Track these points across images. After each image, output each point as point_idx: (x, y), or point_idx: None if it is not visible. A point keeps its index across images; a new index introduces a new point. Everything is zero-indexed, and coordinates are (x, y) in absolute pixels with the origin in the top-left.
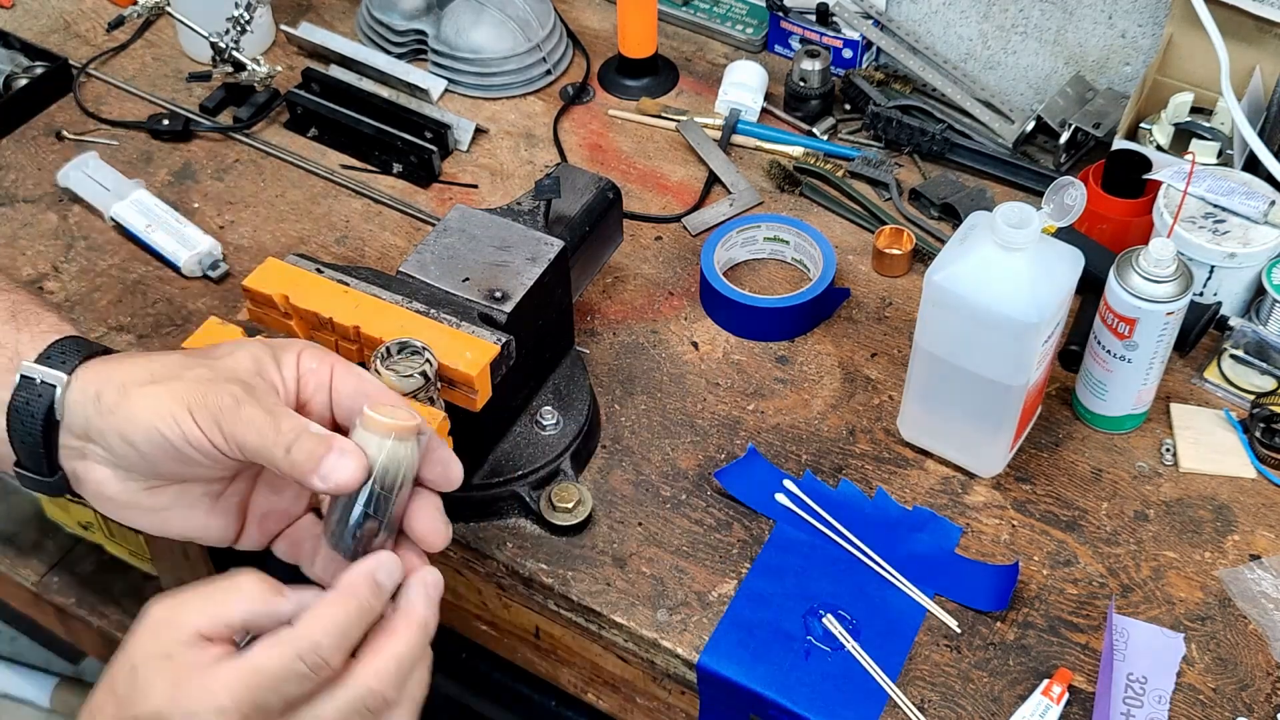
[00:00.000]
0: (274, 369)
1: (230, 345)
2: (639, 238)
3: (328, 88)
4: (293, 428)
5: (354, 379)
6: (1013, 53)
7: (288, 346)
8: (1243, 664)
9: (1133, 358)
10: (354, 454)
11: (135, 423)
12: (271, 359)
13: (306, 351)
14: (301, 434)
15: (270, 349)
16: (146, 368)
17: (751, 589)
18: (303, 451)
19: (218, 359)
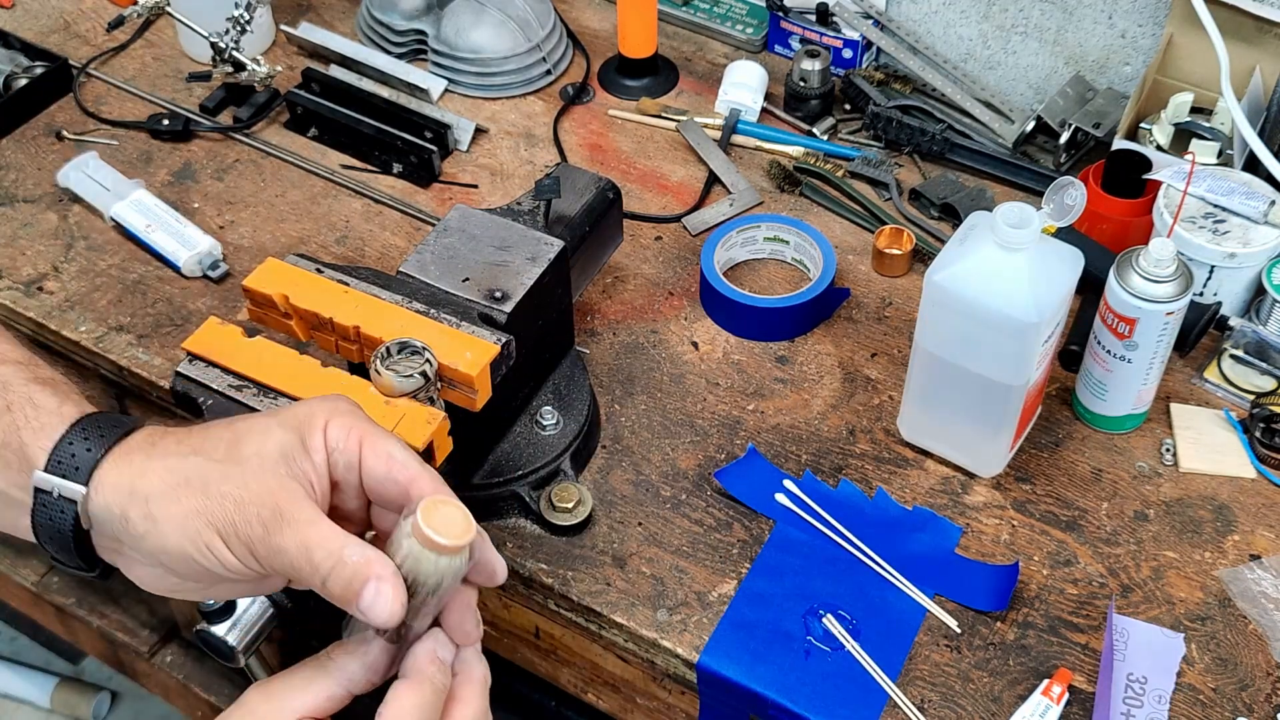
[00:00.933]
0: (303, 459)
1: (257, 435)
2: (639, 238)
3: (328, 88)
4: (326, 557)
5: (383, 460)
6: (1013, 53)
7: (313, 423)
8: (1243, 664)
9: (1133, 358)
10: (391, 586)
11: (168, 549)
12: (300, 446)
13: (332, 424)
14: (336, 564)
15: (297, 434)
16: (168, 476)
17: (751, 589)
18: (339, 584)
19: (244, 461)
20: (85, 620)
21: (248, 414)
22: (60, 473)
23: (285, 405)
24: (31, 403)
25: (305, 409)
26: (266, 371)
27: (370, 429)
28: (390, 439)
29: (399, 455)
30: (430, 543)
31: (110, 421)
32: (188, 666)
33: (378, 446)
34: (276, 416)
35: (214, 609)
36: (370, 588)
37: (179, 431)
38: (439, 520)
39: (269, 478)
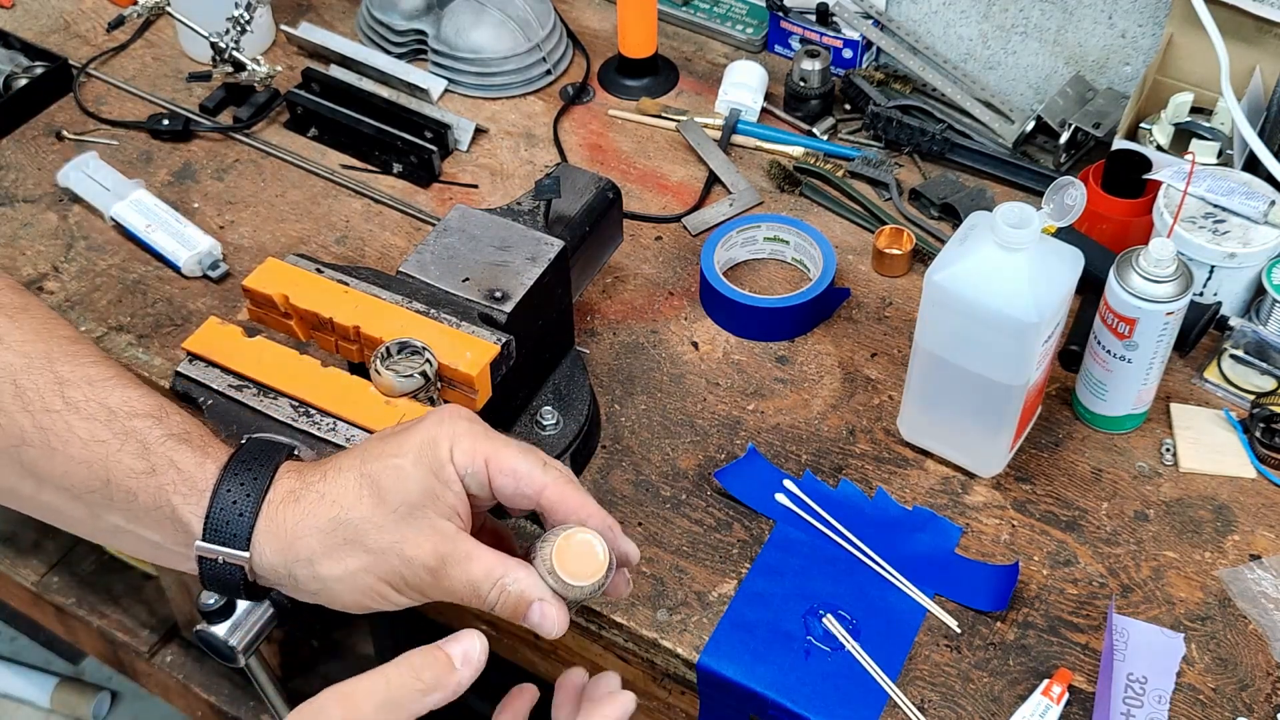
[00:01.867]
0: (444, 492)
1: (393, 477)
2: (639, 238)
3: (328, 88)
4: (491, 588)
5: (509, 478)
6: (1013, 53)
7: (440, 454)
8: (1243, 664)
9: (1133, 358)
10: (554, 606)
11: (341, 602)
12: (437, 482)
13: (457, 449)
14: (501, 594)
15: (431, 470)
16: (325, 539)
17: (751, 589)
18: (506, 610)
19: (394, 511)
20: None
21: (364, 446)
22: (219, 539)
23: (403, 430)
24: (174, 465)
25: (427, 434)
26: (266, 371)
27: (492, 446)
28: (511, 451)
29: (523, 468)
30: (570, 586)
31: (248, 472)
32: (188, 666)
33: (503, 465)
34: (401, 451)
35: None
36: (535, 610)
37: (313, 476)
38: (573, 560)
39: (422, 524)
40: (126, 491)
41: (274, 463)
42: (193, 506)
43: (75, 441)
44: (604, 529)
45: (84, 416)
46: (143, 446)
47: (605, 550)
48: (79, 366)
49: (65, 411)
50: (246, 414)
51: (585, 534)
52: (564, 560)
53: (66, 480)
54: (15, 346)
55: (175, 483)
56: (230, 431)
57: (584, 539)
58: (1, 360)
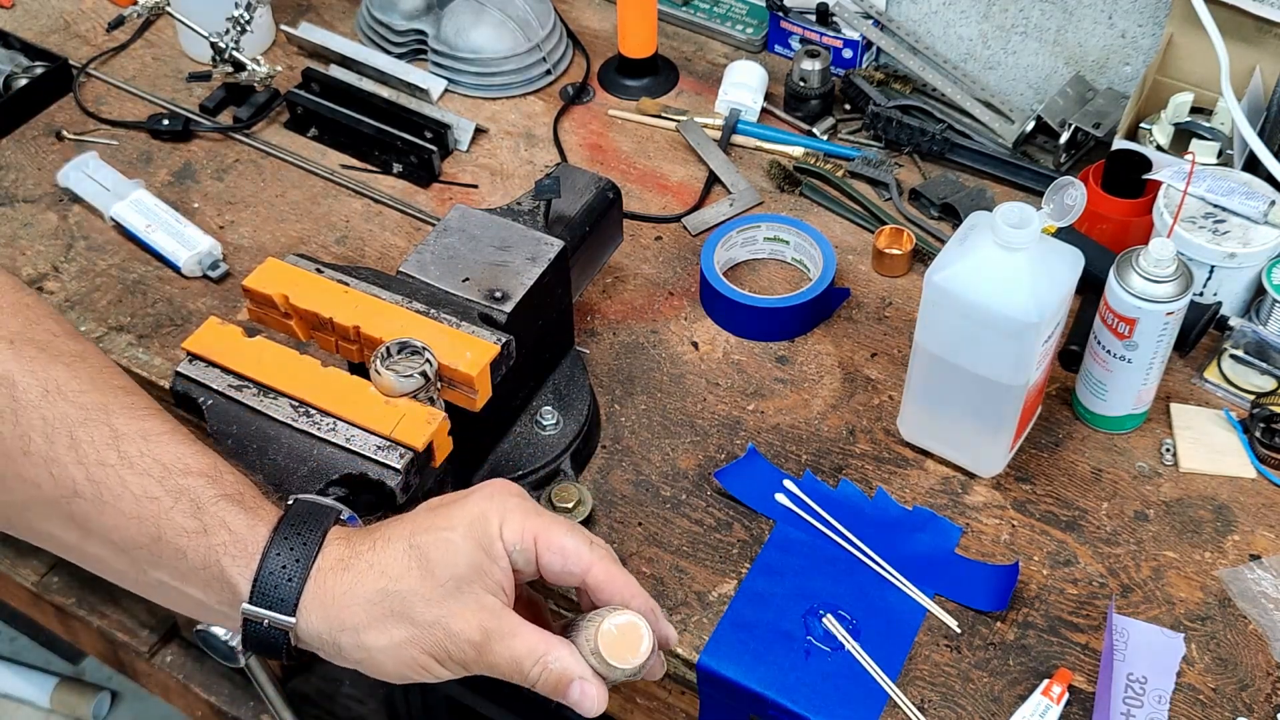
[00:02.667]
0: (491, 567)
1: (442, 550)
2: (639, 238)
3: (328, 88)
4: (534, 665)
5: (558, 555)
6: (1013, 53)
7: (489, 529)
8: (1243, 664)
9: (1133, 358)
10: (594, 686)
11: (385, 672)
12: (486, 557)
13: (507, 526)
14: (543, 672)
15: (480, 544)
16: (372, 610)
17: (751, 589)
18: (548, 687)
19: (442, 585)
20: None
21: (415, 516)
22: (266, 604)
23: (453, 502)
24: (226, 526)
25: (476, 510)
26: (266, 371)
27: (541, 524)
28: (560, 530)
29: (571, 547)
30: (610, 668)
31: (298, 537)
32: (188, 666)
33: (551, 542)
34: (452, 524)
35: None
36: (575, 688)
37: (362, 545)
38: (617, 643)
39: (469, 599)
40: (176, 549)
41: (323, 528)
42: (241, 569)
43: (128, 497)
44: (647, 612)
45: (138, 472)
46: (195, 505)
47: (650, 635)
48: (134, 418)
49: (119, 466)
50: (246, 414)
51: (630, 617)
52: (608, 642)
53: (115, 534)
54: (72, 398)
55: (226, 544)
56: (231, 432)
57: (629, 622)
58: (59, 411)
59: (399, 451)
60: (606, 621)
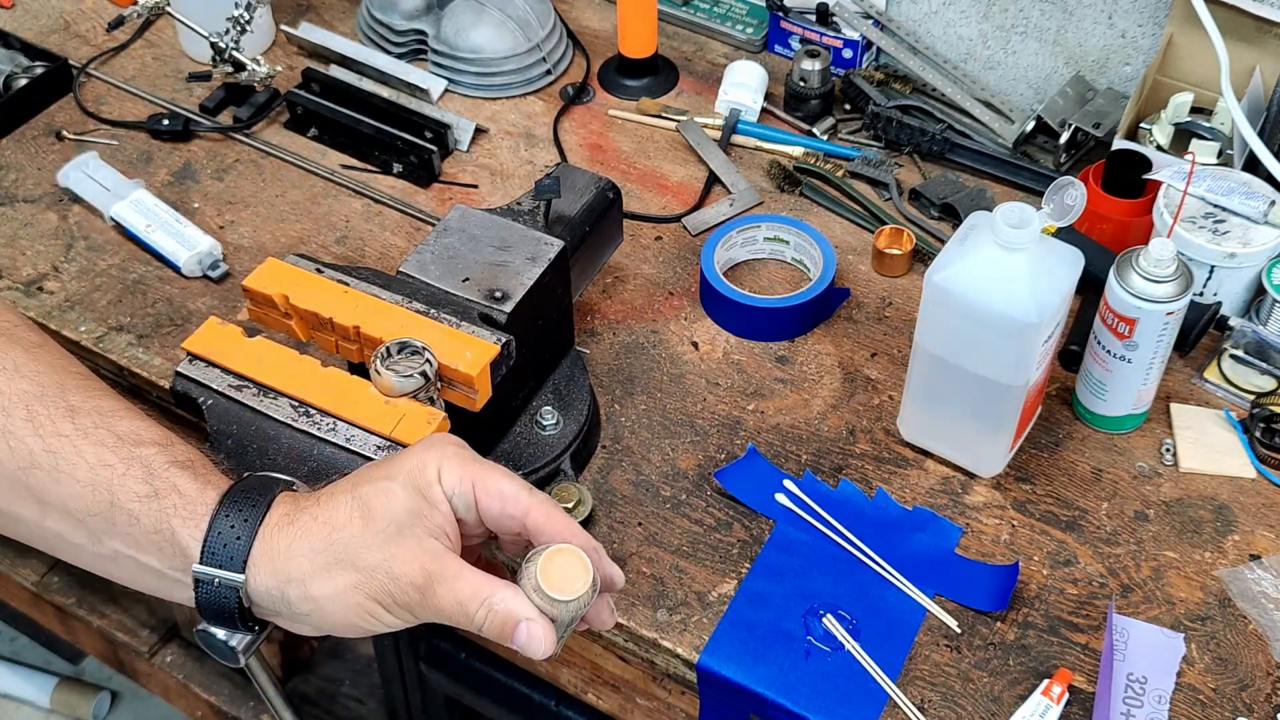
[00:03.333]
0: (431, 513)
1: (382, 499)
2: (639, 238)
3: (328, 88)
4: (479, 607)
5: (495, 499)
6: (1013, 53)
7: (427, 475)
8: (1243, 664)
9: (1133, 358)
10: (540, 625)
11: (332, 623)
12: (424, 502)
13: (445, 471)
14: (488, 613)
15: (418, 490)
16: (316, 558)
17: (751, 589)
18: (494, 629)
19: (382, 531)
20: (85, 620)
21: (357, 472)
22: (216, 563)
23: (390, 457)
24: (176, 489)
25: (415, 460)
26: (266, 371)
27: (479, 469)
28: (498, 475)
29: (509, 490)
30: (554, 601)
31: (247, 500)
32: (188, 666)
33: (489, 486)
34: (391, 474)
35: None
36: (522, 630)
37: (307, 502)
38: (557, 575)
39: (410, 543)
40: (129, 515)
41: (272, 493)
42: (192, 530)
43: (83, 465)
44: (590, 550)
45: (92, 442)
46: (147, 471)
47: (589, 564)
48: (90, 398)
49: (75, 436)
50: (246, 414)
51: (569, 549)
52: (549, 575)
53: (72, 504)
54: (30, 376)
55: (177, 506)
56: (231, 432)
57: (567, 552)
58: (16, 388)
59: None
60: (545, 555)
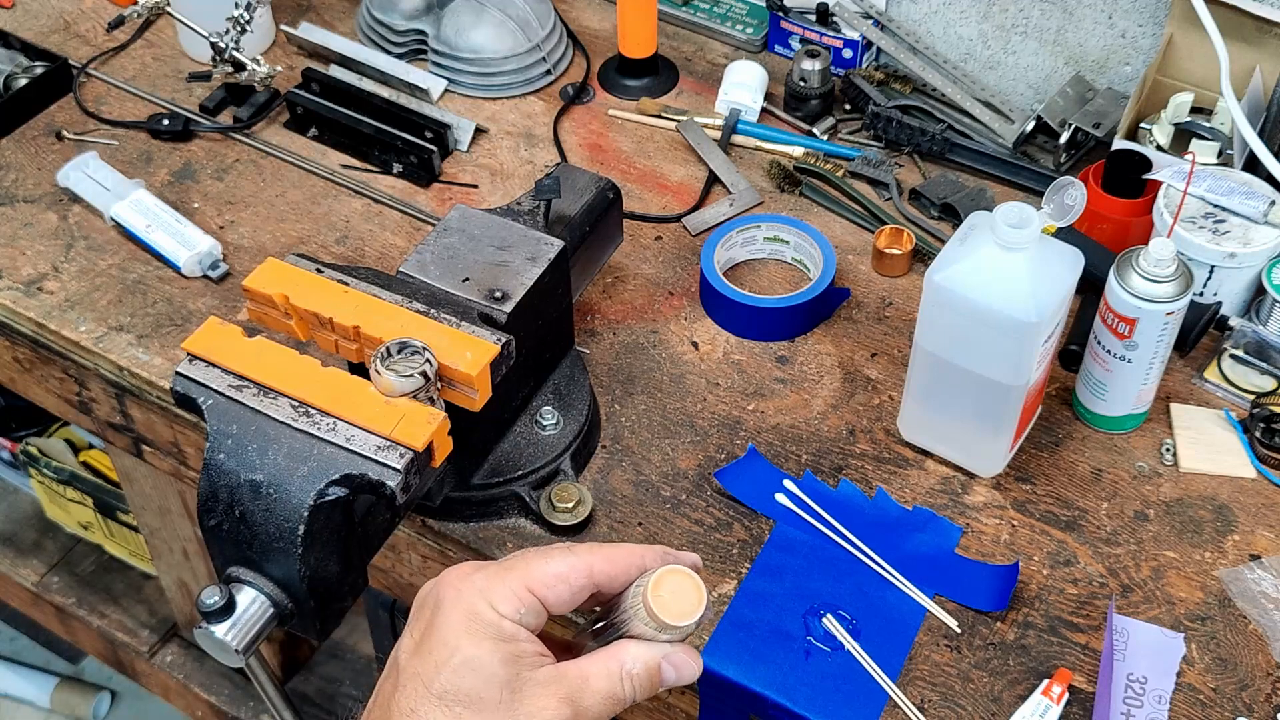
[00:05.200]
0: (517, 646)
1: (466, 672)
2: (639, 238)
3: (328, 88)
4: (621, 682)
5: (561, 585)
6: (1013, 53)
7: (483, 617)
8: (1243, 664)
9: (1133, 358)
10: (681, 655)
11: None
12: (506, 642)
13: (494, 600)
14: (633, 682)
15: (492, 638)
16: None
17: (751, 589)
18: (645, 690)
19: (494, 701)
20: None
21: (406, 672)
22: None
23: (429, 626)
24: None
25: (458, 615)
26: (266, 371)
27: (520, 572)
28: (539, 562)
29: (563, 569)
30: (683, 629)
31: None
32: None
33: (544, 579)
34: (451, 647)
35: (214, 609)
36: (667, 671)
37: None
38: (670, 601)
39: (529, 692)
40: None
41: None
42: None
43: None
44: (664, 560)
45: None
46: None
47: (688, 572)
48: None
49: None
50: (246, 414)
51: (659, 574)
52: (665, 608)
53: None
54: None
55: None
56: (231, 432)
57: (666, 575)
58: None
59: (399, 451)
60: (648, 593)
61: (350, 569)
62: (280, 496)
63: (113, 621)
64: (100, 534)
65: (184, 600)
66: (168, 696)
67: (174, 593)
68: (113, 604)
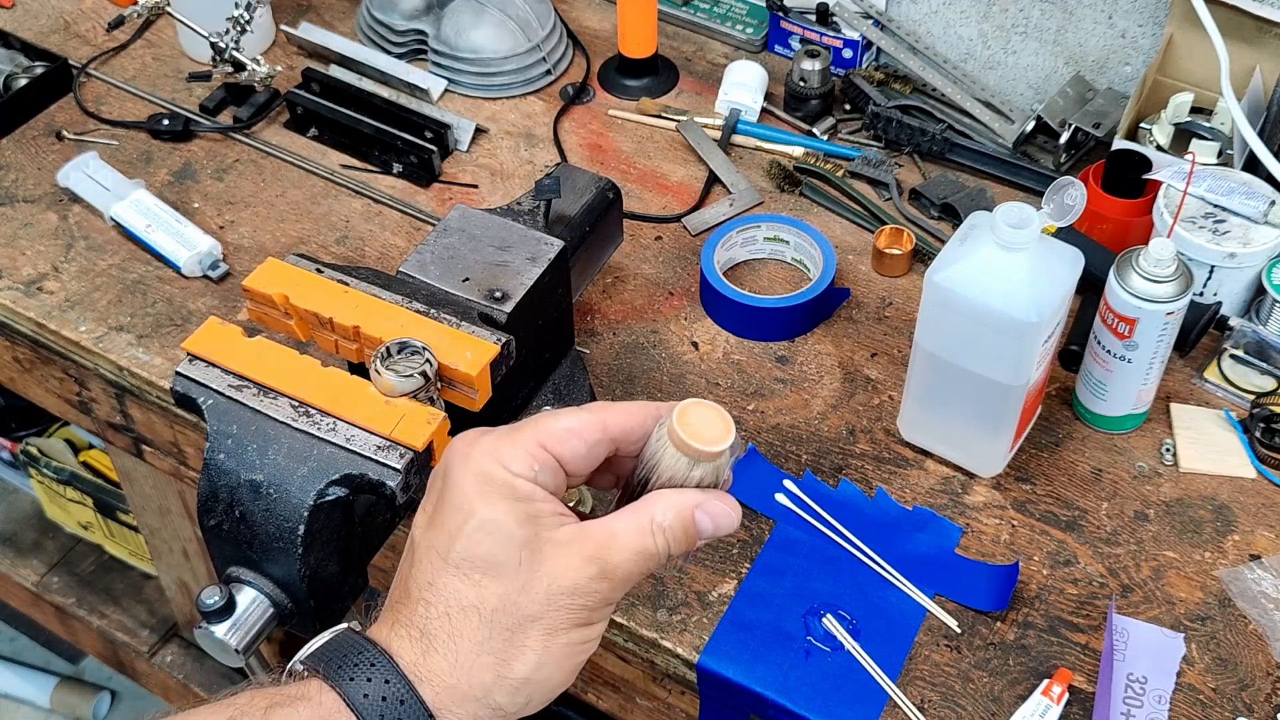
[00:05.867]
0: (536, 506)
1: (483, 539)
2: (639, 238)
3: (328, 88)
4: (653, 537)
5: (576, 440)
6: (1013, 53)
7: (494, 479)
8: (1243, 664)
9: (1133, 358)
10: (717, 502)
11: (555, 681)
12: (520, 502)
13: (509, 462)
14: (667, 536)
15: (506, 499)
16: (485, 645)
17: (751, 589)
18: (681, 543)
19: (515, 563)
20: (85, 620)
21: (424, 544)
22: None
23: (441, 495)
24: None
25: (472, 477)
26: (266, 371)
27: (532, 431)
28: (549, 421)
29: (574, 424)
30: (714, 455)
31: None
32: (188, 666)
33: (555, 435)
34: (466, 510)
35: (214, 609)
36: (703, 521)
37: (408, 614)
38: (699, 430)
39: (549, 552)
40: None
41: (369, 642)
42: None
43: None
44: (669, 408)
45: None
46: None
47: (712, 404)
48: None
49: None
50: (246, 414)
51: (684, 405)
52: (695, 434)
53: None
54: None
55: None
56: (231, 432)
57: (690, 409)
58: None
59: (399, 451)
60: (674, 423)
61: (350, 569)
62: (280, 496)
63: (113, 621)
64: (100, 534)
65: (184, 600)
66: (168, 696)
67: (174, 593)
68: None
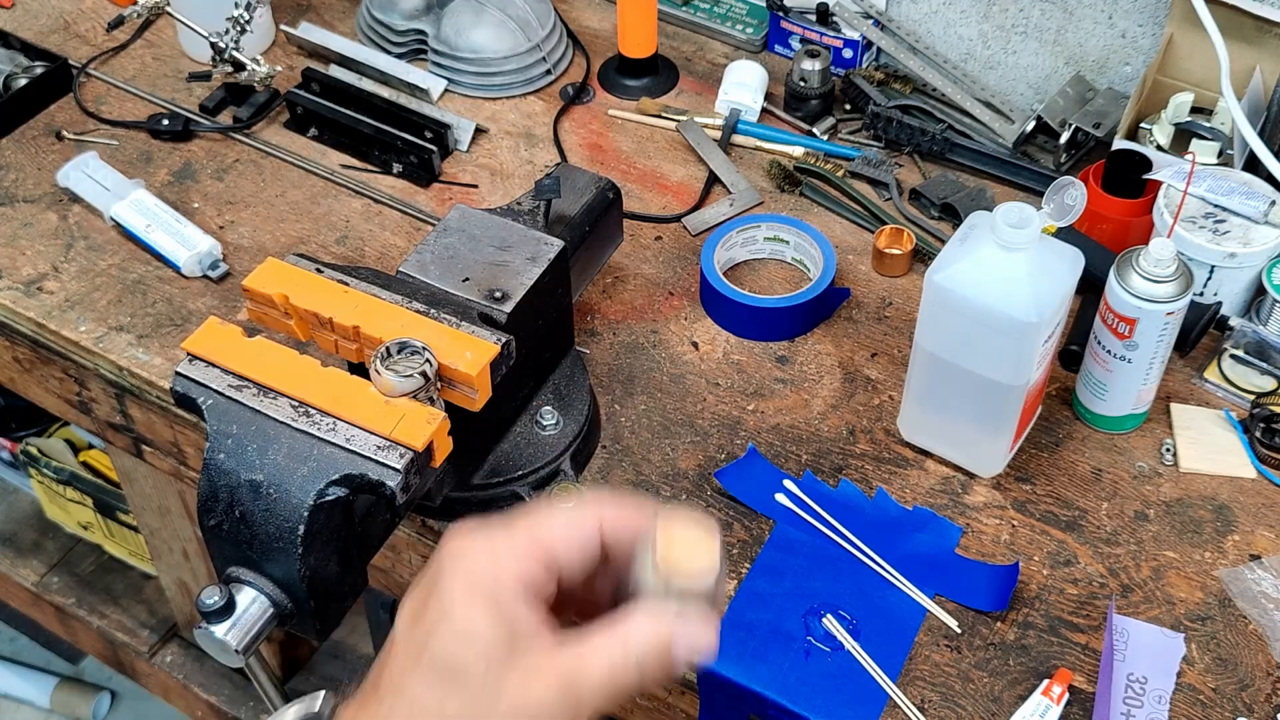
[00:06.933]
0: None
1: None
2: (639, 238)
3: (328, 88)
4: (624, 663)
5: (572, 550)
6: (1013, 53)
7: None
8: (1243, 664)
9: (1133, 358)
10: (693, 627)
11: None
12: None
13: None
14: (639, 664)
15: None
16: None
17: (751, 589)
18: (655, 671)
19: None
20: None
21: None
22: None
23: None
24: None
25: (462, 581)
26: (266, 371)
27: (524, 534)
28: (547, 523)
29: (569, 518)
30: (693, 589)
31: None
32: (188, 666)
33: (551, 544)
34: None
35: (214, 609)
36: (680, 646)
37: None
38: (683, 556)
39: (522, 666)
40: None
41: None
42: None
43: None
44: (660, 514)
45: None
46: None
47: (706, 522)
48: None
49: None
50: (246, 414)
51: (669, 521)
52: (676, 562)
53: None
54: None
55: None
56: (231, 432)
57: (675, 527)
58: None
59: (399, 451)
60: (658, 548)
61: (350, 569)
62: (280, 496)
63: (113, 621)
64: (100, 534)
65: (184, 600)
66: (168, 697)
67: (174, 593)
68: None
